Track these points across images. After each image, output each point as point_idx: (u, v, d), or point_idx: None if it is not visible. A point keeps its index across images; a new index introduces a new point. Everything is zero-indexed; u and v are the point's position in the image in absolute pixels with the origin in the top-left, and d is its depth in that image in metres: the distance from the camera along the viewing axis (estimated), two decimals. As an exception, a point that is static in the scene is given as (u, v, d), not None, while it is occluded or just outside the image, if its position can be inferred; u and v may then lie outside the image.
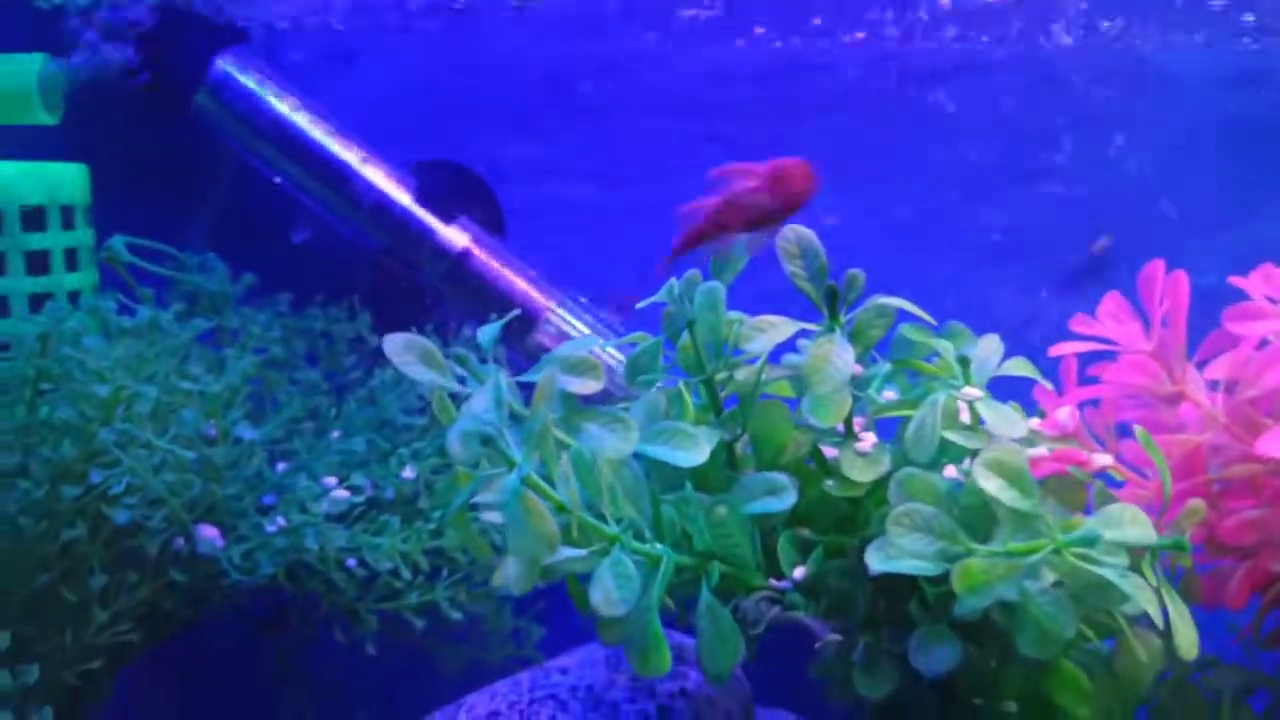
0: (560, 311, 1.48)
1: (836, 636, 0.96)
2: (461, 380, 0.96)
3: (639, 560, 0.87)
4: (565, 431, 0.93)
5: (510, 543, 0.81)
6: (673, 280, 1.02)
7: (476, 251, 1.48)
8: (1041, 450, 1.00)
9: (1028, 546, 0.86)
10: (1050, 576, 0.89)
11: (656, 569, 0.88)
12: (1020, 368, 1.04)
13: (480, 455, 0.86)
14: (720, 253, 1.07)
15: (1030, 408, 1.07)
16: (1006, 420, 0.94)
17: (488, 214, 1.55)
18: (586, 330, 1.46)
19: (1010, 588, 0.86)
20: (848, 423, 1.04)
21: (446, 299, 1.49)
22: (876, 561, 0.90)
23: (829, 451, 1.05)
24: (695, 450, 0.93)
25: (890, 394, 1.09)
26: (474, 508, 0.88)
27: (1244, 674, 1.16)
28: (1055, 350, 1.00)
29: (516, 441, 0.85)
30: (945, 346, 1.04)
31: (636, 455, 0.92)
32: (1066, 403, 1.01)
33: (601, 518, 0.90)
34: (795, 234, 1.05)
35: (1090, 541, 0.84)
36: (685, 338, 1.05)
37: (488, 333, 0.96)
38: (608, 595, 0.82)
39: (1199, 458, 0.99)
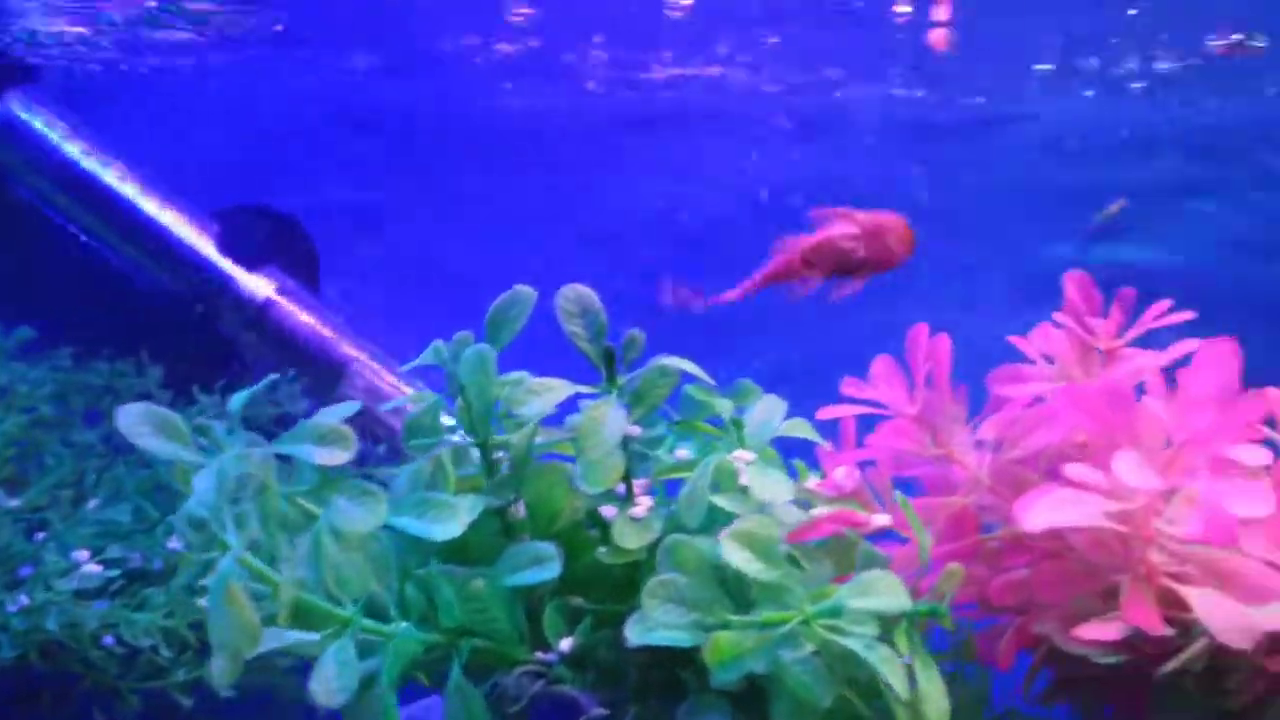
0: (371, 363, 1.45)
1: (601, 710, 0.94)
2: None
3: (380, 641, 0.84)
4: (315, 504, 0.89)
5: (210, 633, 0.77)
6: (438, 342, 0.99)
7: (281, 302, 1.43)
8: (821, 511, 1.00)
9: (777, 617, 0.85)
10: (809, 646, 0.88)
11: (410, 651, 0.85)
12: (798, 429, 1.03)
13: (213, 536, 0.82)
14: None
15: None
16: (770, 485, 0.93)
17: (300, 261, 1.51)
18: (395, 381, 1.42)
19: (760, 660, 0.84)
20: (629, 486, 1.03)
21: (248, 351, 1.45)
22: (634, 634, 0.88)
23: (611, 515, 1.03)
24: (452, 522, 0.90)
25: (683, 453, 1.08)
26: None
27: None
28: (824, 414, 1.00)
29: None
30: (724, 406, 1.03)
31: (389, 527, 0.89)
32: (843, 463, 1.01)
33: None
34: (575, 293, 1.03)
35: (835, 613, 0.83)
36: (461, 401, 1.02)
37: (237, 400, 0.92)
38: (327, 684, 0.78)
39: (968, 518, 0.99)
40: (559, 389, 0.98)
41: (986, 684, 1.17)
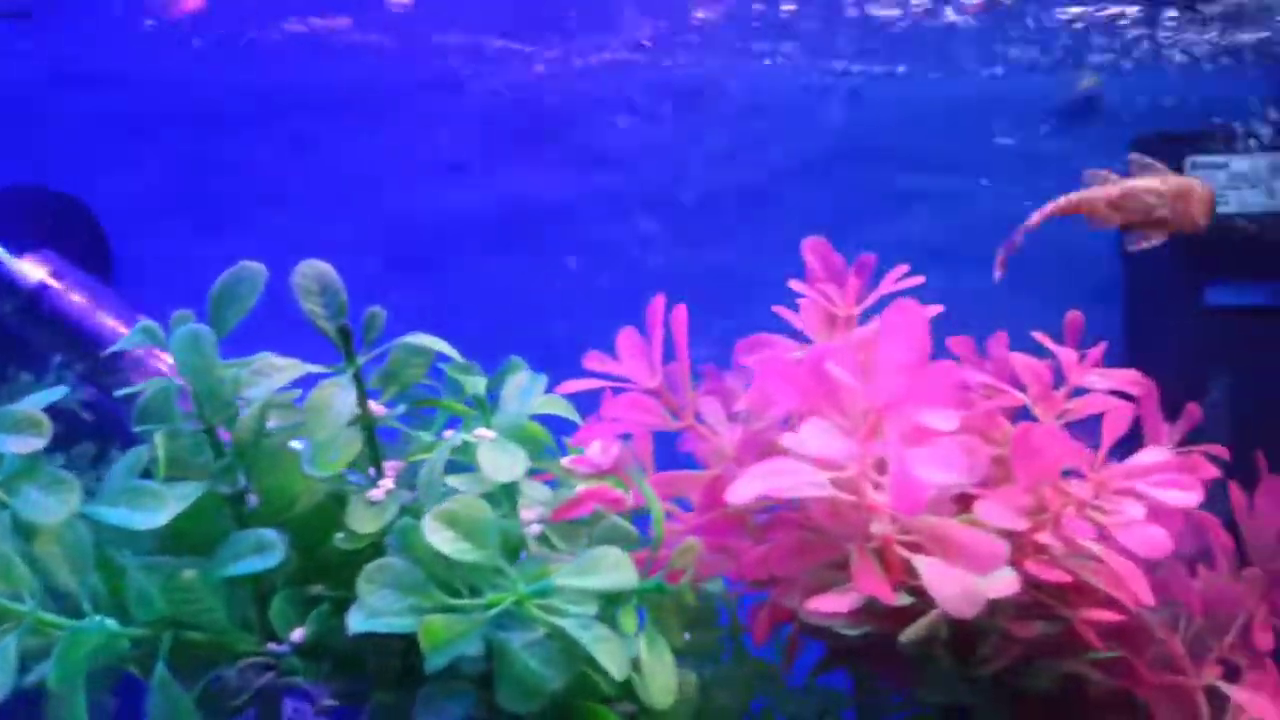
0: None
1: (330, 702, 0.90)
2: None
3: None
4: (9, 494, 0.84)
5: None
6: (149, 323, 0.94)
7: (56, 286, 1.37)
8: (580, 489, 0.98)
9: (496, 599, 0.82)
10: (541, 628, 0.85)
11: (90, 645, 0.80)
12: (552, 406, 1.00)
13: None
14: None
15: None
16: (500, 464, 0.90)
17: (85, 244, 1.44)
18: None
19: (473, 643, 0.82)
20: (378, 467, 0.99)
21: (26, 337, 1.38)
22: (354, 622, 0.85)
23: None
24: (158, 511, 0.85)
25: (450, 434, 1.04)
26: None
27: (821, 696, 1.17)
28: (564, 388, 0.97)
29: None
30: (475, 384, 1.00)
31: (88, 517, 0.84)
32: (588, 439, 0.98)
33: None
34: (314, 270, 0.99)
35: (549, 592, 0.81)
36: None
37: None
38: (-10, 682, 0.74)
39: (718, 489, 0.97)
40: (287, 369, 0.93)
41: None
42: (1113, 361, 1.58)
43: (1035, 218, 1.12)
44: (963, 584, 0.83)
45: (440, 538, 0.80)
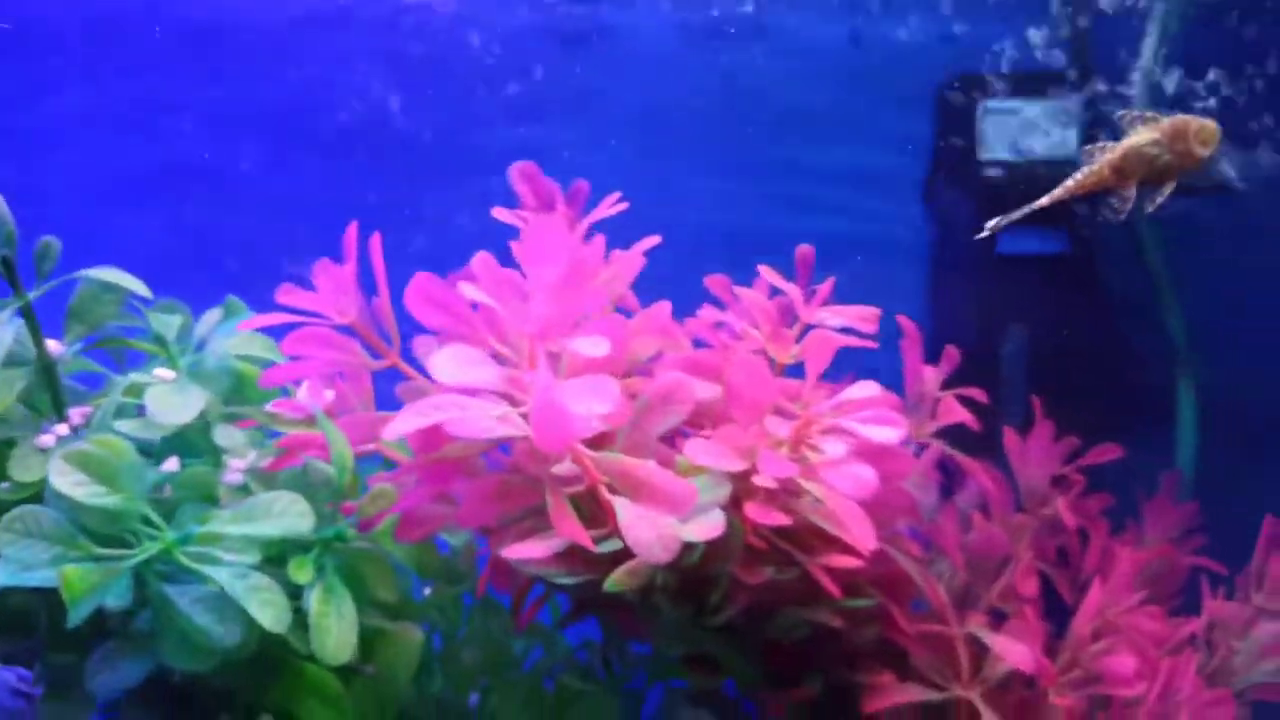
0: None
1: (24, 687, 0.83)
2: None
3: None
4: None
5: None
6: None
7: None
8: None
9: (146, 549, 0.76)
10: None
11: None
12: (250, 345, 0.93)
13: None
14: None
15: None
16: (170, 406, 0.83)
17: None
18: None
19: (118, 594, 0.75)
20: (60, 412, 0.91)
21: None
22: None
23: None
24: None
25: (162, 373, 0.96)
26: None
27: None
28: (251, 323, 0.90)
29: None
30: (164, 324, 0.92)
31: None
32: (280, 380, 0.90)
33: None
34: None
35: (195, 539, 0.74)
36: None
37: None
38: None
39: (428, 435, 0.91)
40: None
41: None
42: (918, 312, 1.57)
43: (1045, 200, 1.10)
44: (657, 528, 0.78)
45: (68, 481, 0.73)
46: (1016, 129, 1.42)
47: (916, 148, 1.51)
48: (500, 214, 0.86)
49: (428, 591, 1.07)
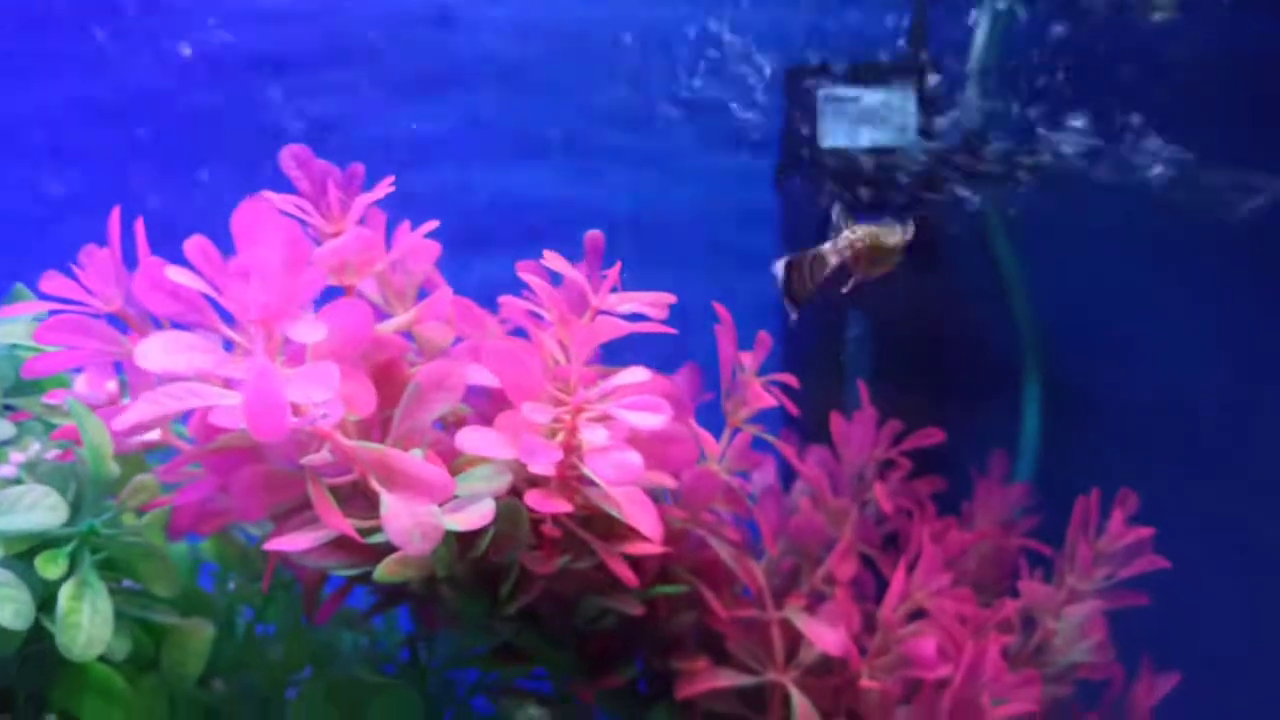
0: None
1: None
2: None
3: None
4: None
5: None
6: None
7: None
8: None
9: None
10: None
11: None
12: (10, 334, 0.90)
13: None
14: None
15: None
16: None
17: None
18: None
19: None
20: None
21: None
22: None
23: None
24: None
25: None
26: None
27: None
28: (5, 312, 0.87)
29: None
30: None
31: None
32: (43, 371, 0.87)
33: None
34: None
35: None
36: None
37: None
38: None
39: (205, 424, 0.89)
40: None
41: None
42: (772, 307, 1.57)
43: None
44: (416, 516, 0.77)
45: None
46: (855, 117, 1.42)
47: (768, 135, 1.51)
48: (271, 199, 0.84)
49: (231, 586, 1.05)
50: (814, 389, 1.48)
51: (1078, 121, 1.42)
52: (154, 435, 0.92)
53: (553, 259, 0.90)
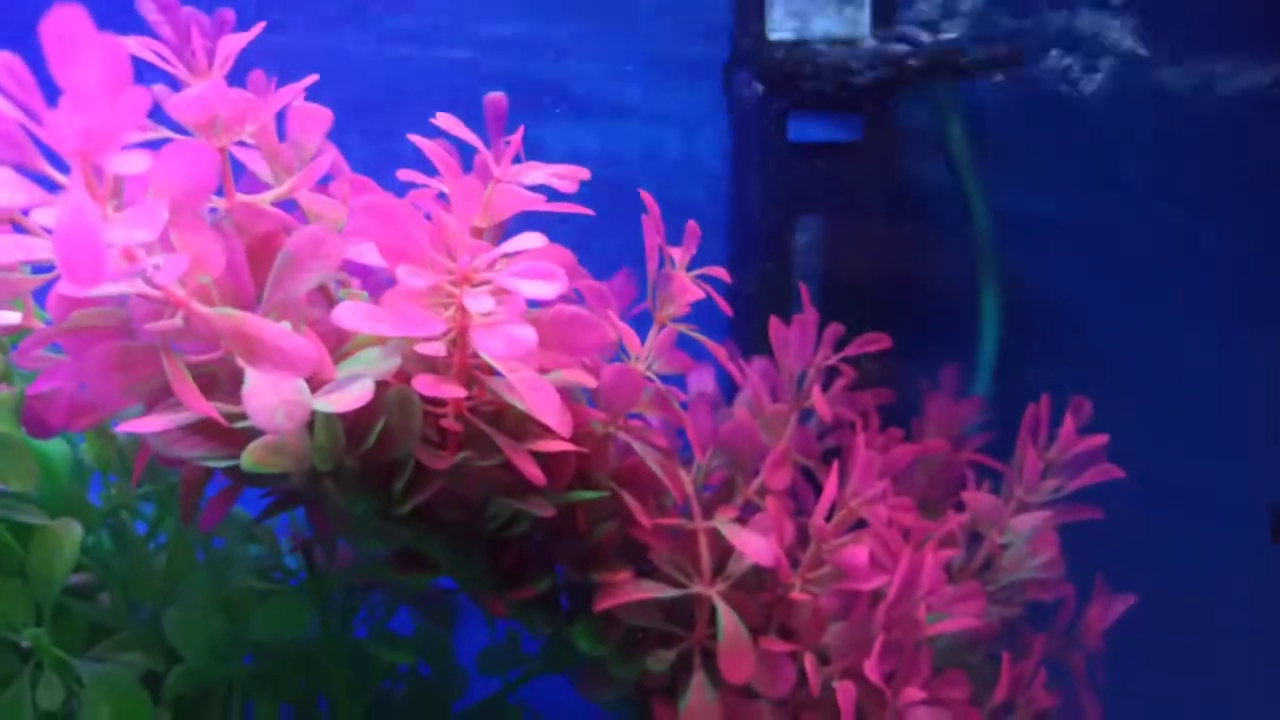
0: None
1: None
2: None
3: None
4: None
5: None
6: None
7: None
8: None
9: None
10: None
11: None
12: None
13: None
14: None
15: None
16: None
17: None
18: None
19: None
20: None
21: None
22: None
23: None
24: None
25: None
26: None
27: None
28: None
29: None
30: None
31: None
32: None
33: None
34: None
35: None
36: None
37: None
38: None
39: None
40: None
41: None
42: (719, 200, 1.49)
43: None
44: (279, 394, 0.69)
45: None
46: (805, 5, 1.33)
47: (716, 31, 1.42)
48: (134, 45, 0.75)
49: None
50: (762, 299, 1.41)
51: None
52: (13, 318, 0.84)
53: (447, 122, 0.81)
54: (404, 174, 0.84)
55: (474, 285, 0.72)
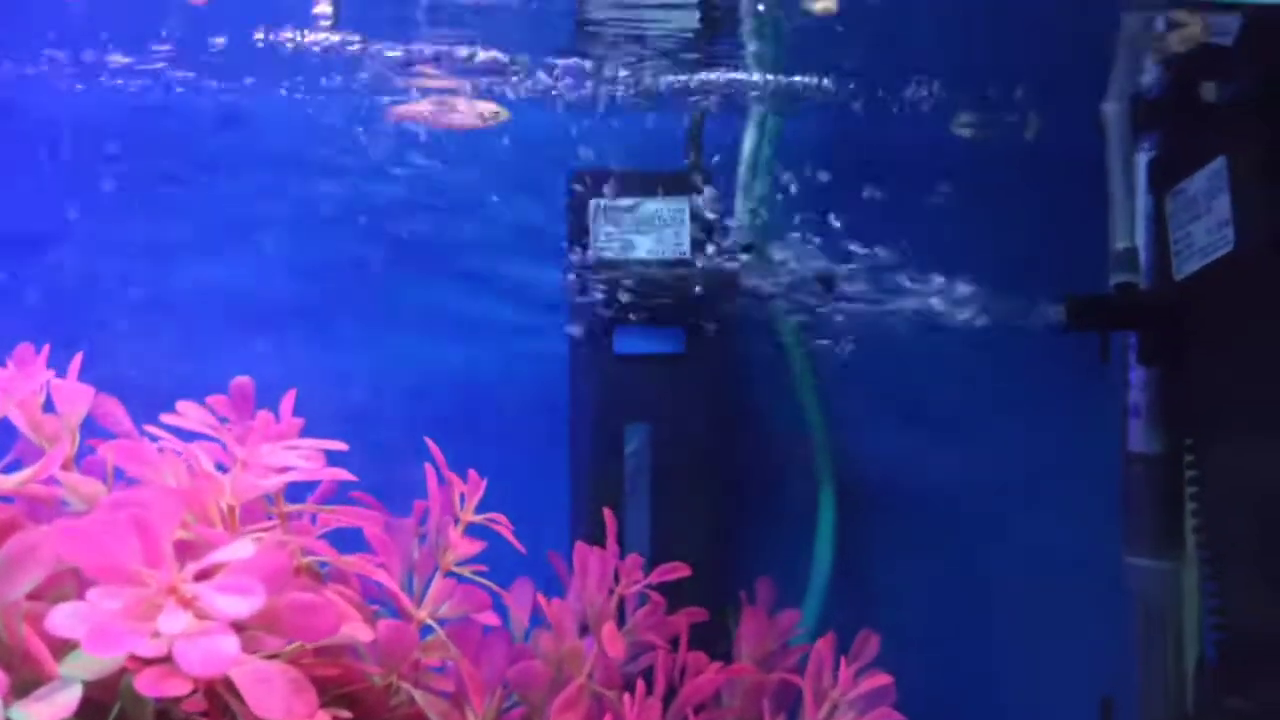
0: None
1: None
2: None
3: None
4: None
5: None
6: None
7: None
8: None
9: None
10: None
11: None
12: None
13: None
14: None
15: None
16: None
17: None
18: None
19: None
20: None
21: None
22: None
23: None
24: None
25: None
26: None
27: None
28: None
29: None
30: None
31: None
32: None
33: None
34: None
35: None
36: None
37: None
38: None
39: None
40: None
41: None
42: (555, 415, 1.52)
43: None
44: (-27, 710, 0.70)
45: None
46: (630, 227, 1.38)
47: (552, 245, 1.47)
48: None
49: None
50: (595, 505, 1.43)
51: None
52: None
53: (189, 411, 0.83)
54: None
55: (178, 598, 0.74)
